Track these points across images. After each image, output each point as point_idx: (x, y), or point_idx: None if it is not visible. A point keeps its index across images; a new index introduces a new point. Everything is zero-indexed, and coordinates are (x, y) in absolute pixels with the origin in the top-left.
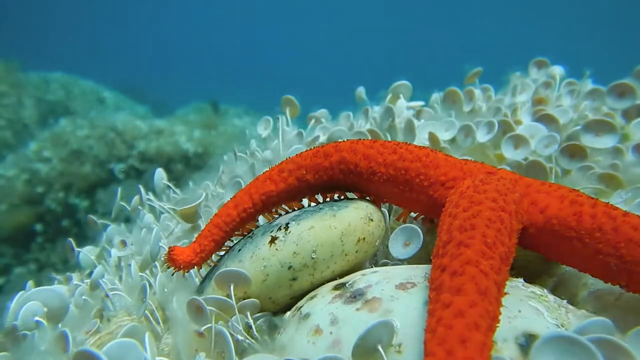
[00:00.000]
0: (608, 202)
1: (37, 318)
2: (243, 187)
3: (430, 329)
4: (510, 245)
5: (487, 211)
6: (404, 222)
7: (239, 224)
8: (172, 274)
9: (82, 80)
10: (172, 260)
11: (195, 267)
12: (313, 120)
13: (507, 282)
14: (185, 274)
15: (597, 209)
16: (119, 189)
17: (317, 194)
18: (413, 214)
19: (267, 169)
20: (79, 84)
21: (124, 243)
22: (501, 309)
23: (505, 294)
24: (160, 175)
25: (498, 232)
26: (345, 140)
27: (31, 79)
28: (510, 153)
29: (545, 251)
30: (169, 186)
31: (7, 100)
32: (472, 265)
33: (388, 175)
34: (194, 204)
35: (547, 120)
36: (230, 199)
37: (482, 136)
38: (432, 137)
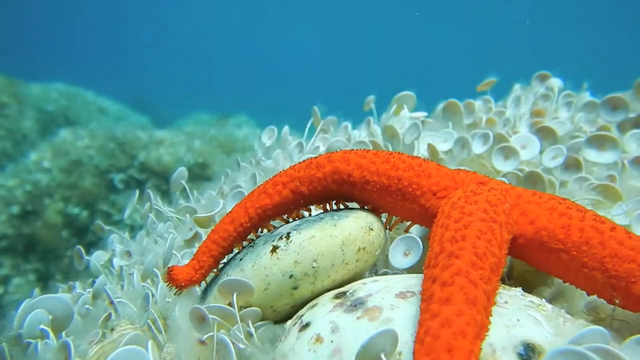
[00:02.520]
0: (596, 215)
1: (42, 326)
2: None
3: (419, 340)
4: (500, 256)
5: (478, 222)
6: (403, 223)
7: (236, 239)
8: (175, 294)
9: (83, 90)
10: (173, 280)
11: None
12: (321, 133)
13: (506, 292)
14: None
15: (585, 222)
16: (137, 192)
17: (312, 205)
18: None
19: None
20: (80, 95)
21: (129, 254)
22: (501, 319)
23: (495, 303)
24: (181, 174)
25: (488, 243)
26: (338, 150)
27: (32, 90)
28: (500, 164)
29: (533, 262)
30: (184, 188)
31: (7, 110)
32: (462, 275)
33: (381, 184)
34: (211, 213)
35: (545, 132)
36: (227, 214)
37: (478, 148)
38: (431, 149)
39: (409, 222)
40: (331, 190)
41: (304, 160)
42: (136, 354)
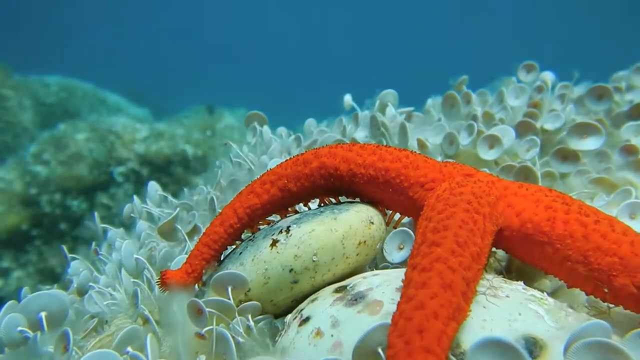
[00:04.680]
0: (582, 208)
1: (20, 328)
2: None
3: (394, 322)
4: (482, 246)
5: (461, 213)
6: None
7: (228, 241)
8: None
9: (82, 83)
10: (166, 285)
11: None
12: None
13: (507, 285)
14: None
15: (570, 215)
16: (96, 214)
17: (301, 203)
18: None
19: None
20: (79, 87)
21: (96, 252)
22: (502, 313)
23: (477, 291)
24: (153, 187)
25: (470, 233)
26: (324, 146)
27: (31, 83)
28: (484, 153)
29: (518, 254)
30: (165, 196)
31: (7, 103)
32: (441, 262)
33: (368, 176)
34: (168, 219)
35: (524, 127)
36: (217, 216)
37: (463, 139)
38: (420, 143)
39: (399, 216)
40: (319, 185)
41: (290, 158)
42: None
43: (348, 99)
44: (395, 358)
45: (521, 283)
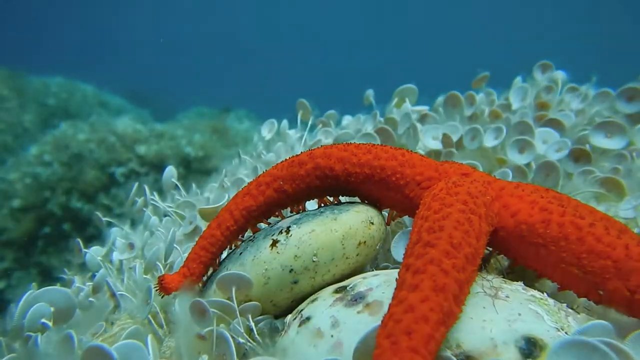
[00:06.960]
0: (577, 209)
1: (43, 320)
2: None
3: (383, 324)
4: (477, 247)
5: (456, 213)
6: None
7: (225, 243)
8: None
9: (82, 84)
10: (164, 289)
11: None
12: (321, 125)
13: (507, 286)
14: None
15: (565, 217)
16: (136, 184)
17: (297, 204)
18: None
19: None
20: (80, 88)
21: (131, 246)
22: (502, 313)
23: (470, 292)
24: (170, 172)
25: (465, 234)
26: (320, 146)
27: (32, 84)
28: (515, 157)
29: (513, 255)
30: (176, 185)
31: (8, 104)
32: (434, 264)
33: (364, 174)
34: (216, 205)
35: (553, 125)
36: (214, 219)
37: (489, 141)
38: (446, 139)
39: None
40: (315, 186)
41: (286, 159)
42: (137, 346)
43: (369, 93)
44: (382, 357)
45: (521, 283)
